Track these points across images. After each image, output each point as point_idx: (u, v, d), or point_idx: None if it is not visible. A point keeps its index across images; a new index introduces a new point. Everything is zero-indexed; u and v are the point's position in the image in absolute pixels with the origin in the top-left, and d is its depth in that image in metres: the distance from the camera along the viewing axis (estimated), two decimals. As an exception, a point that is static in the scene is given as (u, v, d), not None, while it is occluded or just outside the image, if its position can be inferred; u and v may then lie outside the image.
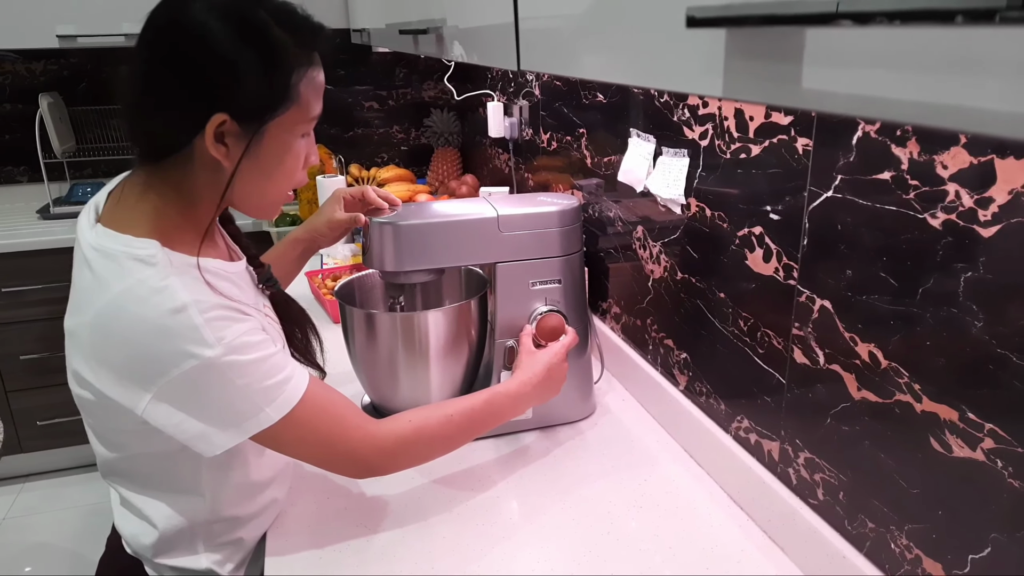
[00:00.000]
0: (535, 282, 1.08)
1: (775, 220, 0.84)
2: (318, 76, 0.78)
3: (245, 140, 0.74)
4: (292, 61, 0.73)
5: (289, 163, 0.79)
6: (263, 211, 0.83)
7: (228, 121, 0.72)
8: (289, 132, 0.77)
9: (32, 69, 2.46)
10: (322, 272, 1.75)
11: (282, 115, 0.75)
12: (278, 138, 0.76)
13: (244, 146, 0.74)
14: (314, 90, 0.77)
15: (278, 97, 0.74)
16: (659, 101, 1.08)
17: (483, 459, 1.07)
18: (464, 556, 0.88)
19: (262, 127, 0.74)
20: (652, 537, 0.90)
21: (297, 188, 0.85)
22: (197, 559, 0.86)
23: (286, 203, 0.86)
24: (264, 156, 0.76)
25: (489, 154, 2.25)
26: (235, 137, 0.74)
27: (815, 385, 0.80)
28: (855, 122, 0.70)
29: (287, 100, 0.74)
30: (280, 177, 0.80)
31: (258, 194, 0.81)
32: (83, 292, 0.74)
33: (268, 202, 0.83)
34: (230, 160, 0.75)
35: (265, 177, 0.78)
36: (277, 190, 0.82)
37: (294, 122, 0.77)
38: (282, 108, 0.74)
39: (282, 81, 0.73)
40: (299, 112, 0.76)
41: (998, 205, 0.57)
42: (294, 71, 0.74)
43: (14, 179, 2.55)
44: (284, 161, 0.79)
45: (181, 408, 0.72)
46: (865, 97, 0.31)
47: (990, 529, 0.61)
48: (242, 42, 0.70)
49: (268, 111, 0.74)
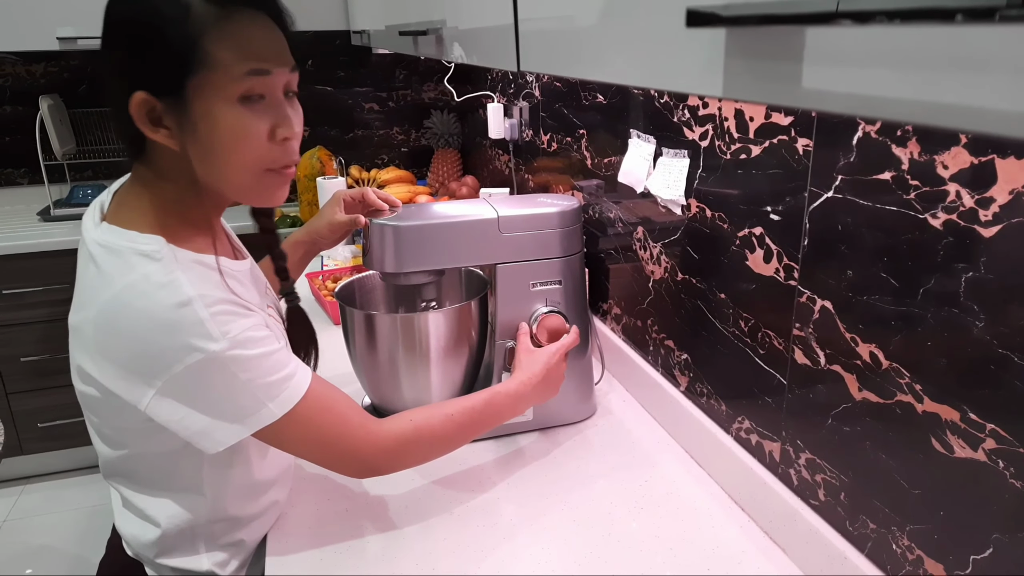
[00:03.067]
0: (535, 283, 1.08)
1: (775, 221, 0.84)
2: (239, 30, 0.70)
3: (180, 116, 0.71)
4: (196, 18, 0.68)
5: (230, 133, 0.72)
6: (250, 195, 0.78)
7: (149, 98, 0.70)
8: (217, 98, 0.71)
9: (32, 71, 2.46)
10: (323, 273, 1.75)
11: (197, 80, 0.70)
12: (206, 109, 0.71)
13: (182, 124, 0.71)
14: (235, 46, 0.70)
15: (184, 60, 0.69)
16: (659, 102, 1.08)
17: (484, 460, 1.07)
18: (465, 557, 0.88)
19: (182, 97, 0.70)
20: (653, 538, 0.90)
21: (281, 164, 0.76)
22: (198, 560, 0.86)
23: (283, 183, 0.78)
24: (200, 129, 0.72)
25: (489, 155, 2.25)
26: (171, 115, 0.71)
27: (816, 386, 0.80)
28: (855, 122, 0.70)
29: (193, 61, 0.69)
30: (230, 151, 0.73)
31: (223, 174, 0.75)
32: (88, 288, 0.74)
33: (242, 183, 0.76)
34: (179, 142, 0.73)
35: (217, 156, 0.73)
36: (240, 167, 0.75)
37: (217, 86, 0.70)
38: (190, 71, 0.69)
39: (184, 41, 0.68)
40: (218, 72, 0.70)
41: (999, 205, 0.57)
42: (199, 28, 0.68)
43: (14, 181, 2.55)
44: (222, 132, 0.72)
45: (185, 403, 0.72)
46: (865, 96, 0.31)
47: (992, 530, 0.61)
48: (143, 12, 0.69)
49: (176, 77, 0.69)
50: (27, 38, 2.14)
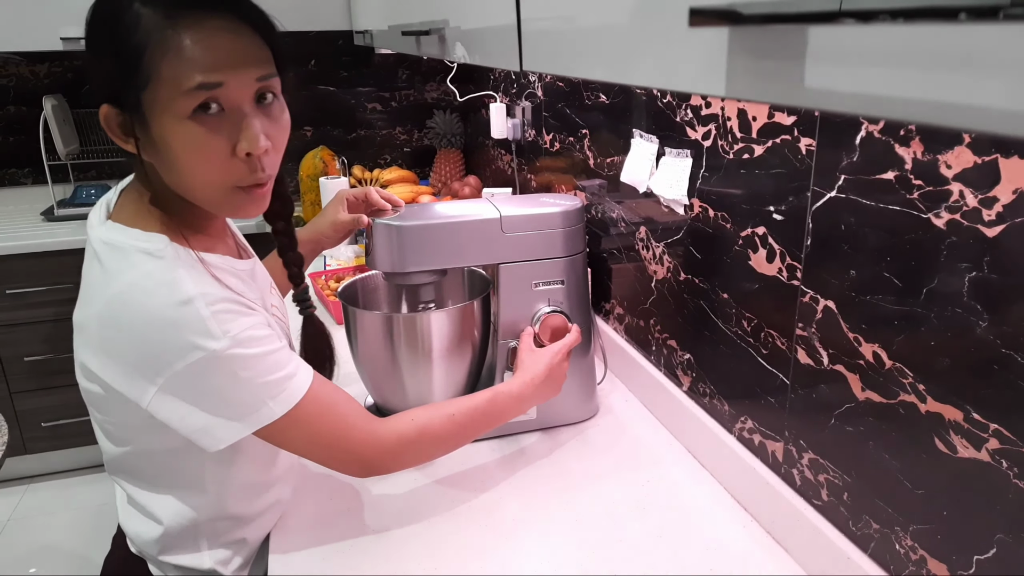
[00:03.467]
0: (538, 283, 1.08)
1: (778, 220, 0.84)
2: (185, 39, 0.66)
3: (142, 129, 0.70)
4: (144, 29, 0.66)
5: (185, 150, 0.69)
6: (219, 210, 0.77)
7: (113, 110, 0.71)
8: (166, 114, 0.68)
9: (36, 71, 2.46)
10: (325, 273, 1.75)
11: (148, 93, 0.67)
12: (159, 121, 0.68)
13: (144, 136, 0.71)
14: (182, 57, 0.66)
15: (130, 72, 0.67)
16: (662, 101, 1.08)
17: (486, 459, 1.07)
18: (468, 556, 0.88)
19: (139, 111, 0.68)
20: (655, 538, 0.90)
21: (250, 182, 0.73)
22: (201, 558, 0.86)
23: (255, 200, 0.75)
24: (158, 144, 0.70)
25: (492, 155, 2.25)
26: (138, 127, 0.70)
27: (819, 386, 0.80)
28: (858, 122, 0.70)
29: (140, 74, 0.66)
30: (189, 169, 0.71)
31: (187, 190, 0.73)
32: (92, 285, 0.75)
33: (207, 199, 0.74)
34: (146, 153, 0.72)
35: (175, 170, 0.71)
36: (203, 184, 0.72)
37: (167, 100, 0.67)
38: (141, 85, 0.67)
39: (130, 54, 0.66)
40: (165, 86, 0.67)
41: (1002, 205, 0.57)
42: (146, 40, 0.66)
43: (18, 181, 2.56)
44: (176, 149, 0.69)
45: (186, 400, 0.72)
46: (868, 95, 0.31)
47: (995, 530, 0.61)
48: (101, 25, 0.69)
49: (129, 91, 0.68)
50: (31, 38, 2.14)
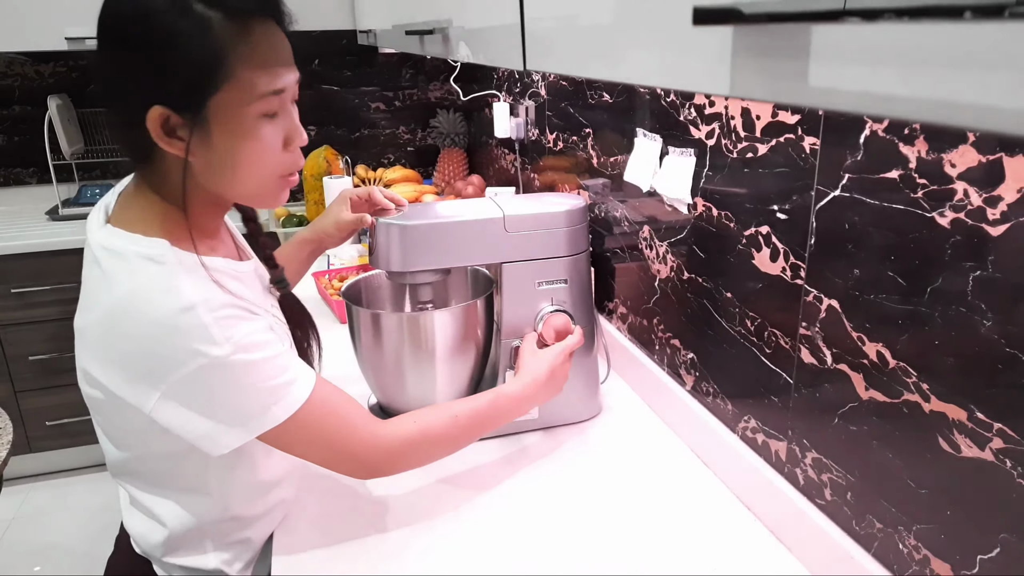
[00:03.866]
0: (541, 282, 1.08)
1: (782, 219, 0.84)
2: (259, 48, 0.70)
3: (199, 129, 0.71)
4: (218, 35, 0.68)
5: (251, 148, 0.73)
6: (256, 200, 0.80)
7: (170, 114, 0.69)
8: (237, 114, 0.71)
9: (41, 71, 2.47)
10: (329, 272, 1.76)
11: (219, 97, 0.69)
12: (227, 122, 0.71)
13: (205, 137, 0.71)
14: (257, 63, 0.70)
15: (208, 77, 0.68)
16: (665, 100, 1.08)
17: (489, 459, 1.07)
18: (471, 555, 0.88)
19: (201, 113, 0.70)
20: (658, 537, 0.90)
21: (293, 171, 0.78)
22: (205, 558, 0.86)
23: (288, 187, 0.79)
24: (218, 144, 0.72)
25: (495, 154, 2.25)
26: (187, 129, 0.70)
27: (822, 385, 0.80)
28: (862, 121, 0.70)
29: (218, 80, 0.68)
30: (249, 164, 0.74)
31: (238, 184, 0.76)
32: (93, 291, 0.74)
33: (254, 193, 0.78)
34: (192, 154, 0.72)
35: (230, 167, 0.74)
36: (256, 179, 0.76)
37: (239, 103, 0.70)
38: (214, 89, 0.69)
39: (208, 59, 0.68)
40: (241, 90, 0.70)
41: (1007, 204, 0.57)
42: (220, 46, 0.68)
43: (23, 180, 2.57)
44: (243, 147, 0.73)
45: (189, 407, 0.72)
46: (873, 94, 0.31)
47: (999, 529, 0.61)
48: (158, 26, 0.67)
49: (199, 95, 0.69)
50: (36, 38, 2.15)
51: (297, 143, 0.77)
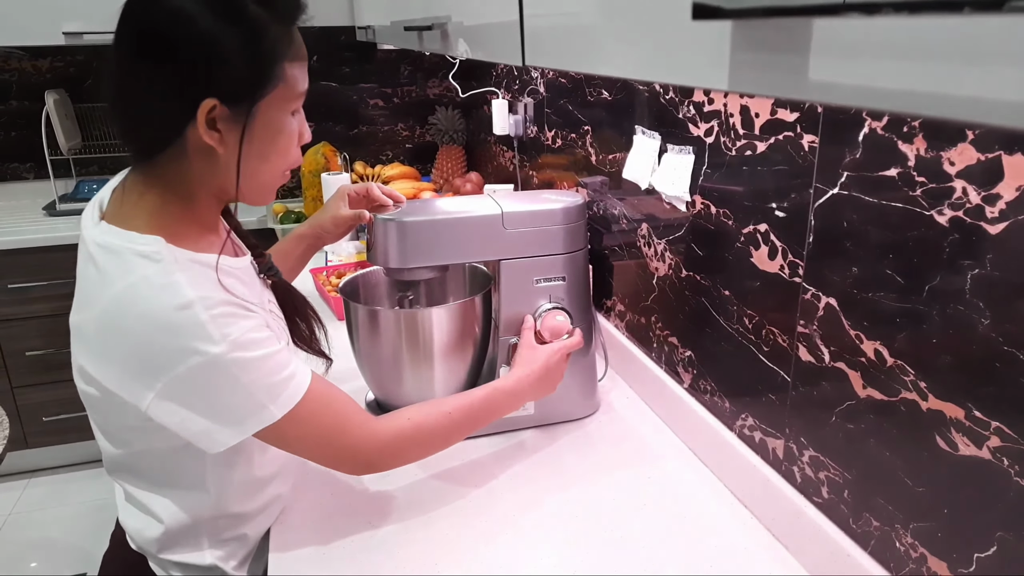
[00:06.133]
0: (539, 279, 1.08)
1: (780, 217, 0.84)
2: (301, 50, 0.76)
3: (236, 123, 0.73)
4: (274, 37, 0.72)
5: (283, 143, 0.78)
6: (260, 196, 0.81)
7: (218, 106, 0.71)
8: (280, 111, 0.76)
9: (38, 66, 2.46)
10: (326, 269, 1.75)
11: (271, 94, 0.73)
12: (269, 118, 0.75)
13: (237, 130, 0.73)
14: (299, 66, 0.76)
15: (265, 76, 0.72)
16: (664, 98, 1.08)
17: (486, 456, 1.07)
18: (467, 552, 0.88)
19: (252, 108, 0.73)
20: (655, 535, 0.90)
21: (295, 167, 0.83)
22: (202, 555, 0.86)
23: (282, 183, 0.84)
24: (258, 138, 0.75)
25: (494, 151, 2.25)
26: (226, 121, 0.72)
27: (820, 383, 0.80)
28: (861, 118, 0.70)
29: (274, 78, 0.73)
30: (276, 158, 0.79)
31: (255, 178, 0.79)
32: (88, 288, 0.74)
33: (264, 185, 0.81)
34: (223, 146, 0.74)
35: (261, 159, 0.77)
36: (273, 172, 0.80)
37: (284, 100, 0.75)
38: (270, 87, 0.73)
39: (267, 59, 0.72)
40: (287, 90, 0.75)
41: (1005, 202, 0.57)
42: (277, 47, 0.72)
43: (20, 176, 2.56)
44: (277, 141, 0.77)
45: (185, 405, 0.72)
46: (872, 89, 0.31)
47: (996, 528, 0.61)
48: (222, 22, 0.69)
49: (257, 91, 0.72)
50: (33, 33, 2.14)
51: (305, 139, 0.81)
